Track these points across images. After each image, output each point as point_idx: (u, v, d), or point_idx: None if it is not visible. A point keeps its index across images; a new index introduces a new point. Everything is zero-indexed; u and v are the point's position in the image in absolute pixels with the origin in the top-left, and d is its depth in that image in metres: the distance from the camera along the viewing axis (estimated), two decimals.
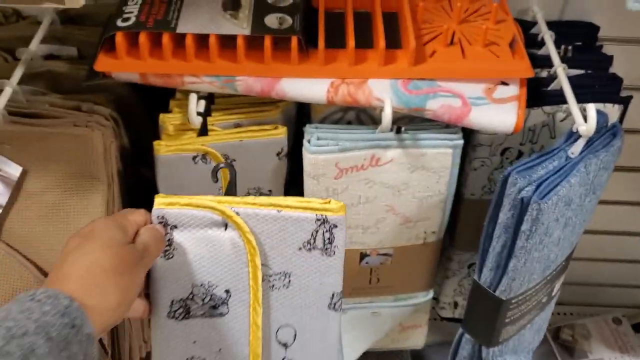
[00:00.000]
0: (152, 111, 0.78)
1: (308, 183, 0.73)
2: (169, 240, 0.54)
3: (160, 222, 0.53)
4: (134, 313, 0.54)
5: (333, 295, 0.57)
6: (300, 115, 0.79)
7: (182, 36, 0.66)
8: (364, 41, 0.70)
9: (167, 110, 0.75)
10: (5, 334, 0.38)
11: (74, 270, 0.45)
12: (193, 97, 0.67)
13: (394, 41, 0.70)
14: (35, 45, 0.76)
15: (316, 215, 0.54)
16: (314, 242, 0.54)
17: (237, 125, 0.72)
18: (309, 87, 0.67)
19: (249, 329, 0.56)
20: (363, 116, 0.74)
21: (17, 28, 0.82)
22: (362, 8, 0.75)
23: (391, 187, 0.73)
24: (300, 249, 0.55)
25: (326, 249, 0.55)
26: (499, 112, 0.67)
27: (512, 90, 0.68)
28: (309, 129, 0.71)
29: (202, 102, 0.69)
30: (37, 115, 0.71)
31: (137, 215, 0.53)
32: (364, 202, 0.74)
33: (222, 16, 0.68)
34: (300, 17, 0.68)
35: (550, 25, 0.81)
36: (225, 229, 0.54)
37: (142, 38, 0.65)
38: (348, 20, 0.70)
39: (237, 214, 0.53)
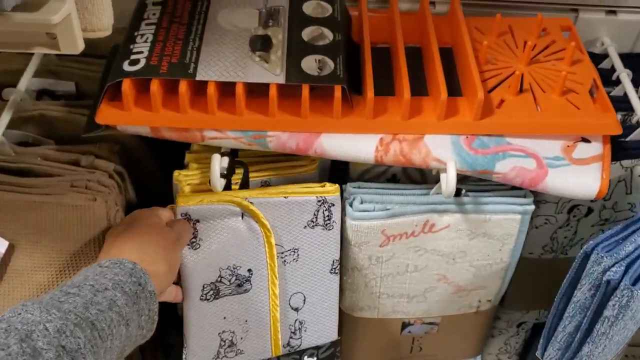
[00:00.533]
0: (163, 158, 0.68)
1: (348, 250, 0.62)
2: (194, 232, 0.59)
3: (184, 217, 0.58)
4: (168, 296, 0.59)
5: (333, 262, 0.64)
6: (333, 163, 0.68)
7: (203, 83, 0.55)
8: (418, 86, 0.59)
9: (182, 161, 0.64)
10: (91, 289, 0.45)
11: (127, 246, 0.51)
12: (216, 160, 0.56)
13: (453, 86, 0.59)
14: (24, 84, 0.65)
15: (317, 197, 0.60)
16: (316, 219, 0.61)
17: (265, 184, 0.61)
18: (354, 145, 0.56)
19: (269, 299, 0.64)
20: (411, 169, 0.63)
21: (6, 59, 0.70)
22: (412, 42, 0.64)
23: (445, 255, 0.62)
24: (305, 227, 0.61)
25: (326, 224, 0.61)
26: (580, 175, 0.56)
27: (595, 148, 0.57)
28: (350, 189, 0.60)
29: (225, 160, 0.58)
30: (27, 172, 0.59)
31: (164, 211, 0.58)
32: (412, 270, 0.64)
33: (251, 58, 0.56)
34: (343, 59, 0.57)
35: (623, 58, 0.70)
36: (242, 217, 0.59)
37: (155, 86, 0.54)
38: (399, 61, 0.59)
39: (252, 203, 0.58)
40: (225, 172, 0.57)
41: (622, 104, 0.65)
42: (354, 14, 0.67)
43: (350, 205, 0.59)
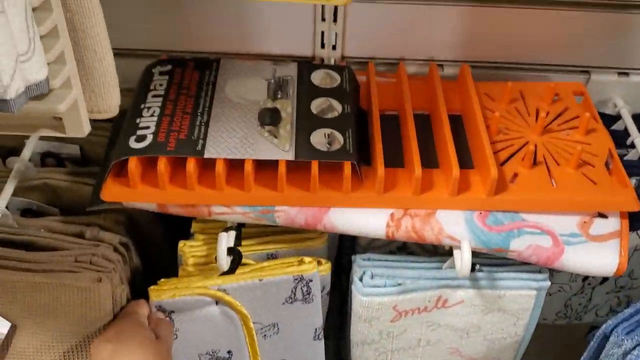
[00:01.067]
0: (170, 224, 0.66)
1: (358, 324, 0.60)
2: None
3: (159, 310, 0.57)
4: None
5: (316, 329, 0.62)
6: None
7: (208, 162, 0.54)
8: (428, 157, 0.58)
9: (189, 227, 0.62)
10: None
11: None
12: (222, 238, 0.55)
13: (464, 157, 0.58)
14: (29, 152, 0.64)
15: (293, 276, 0.57)
16: (294, 296, 0.59)
17: (272, 256, 0.60)
18: (364, 220, 0.55)
19: None
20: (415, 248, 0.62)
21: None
22: (421, 109, 0.63)
23: (459, 330, 0.61)
24: (283, 303, 0.59)
25: (305, 298, 0.59)
26: (597, 253, 0.55)
27: (612, 224, 0.56)
28: (359, 262, 0.59)
29: (232, 234, 0.57)
30: (30, 245, 0.58)
31: (143, 308, 0.57)
32: (424, 344, 0.62)
33: (259, 133, 0.55)
34: (353, 133, 0.56)
35: (636, 118, 0.69)
36: (217, 304, 0.57)
37: (162, 164, 0.53)
38: (408, 132, 0.58)
39: (225, 291, 0.56)
40: (232, 247, 0.56)
41: (637, 169, 0.64)
42: (362, 78, 0.66)
43: (360, 279, 0.57)
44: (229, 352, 0.60)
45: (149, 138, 0.54)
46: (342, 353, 0.75)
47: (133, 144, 0.54)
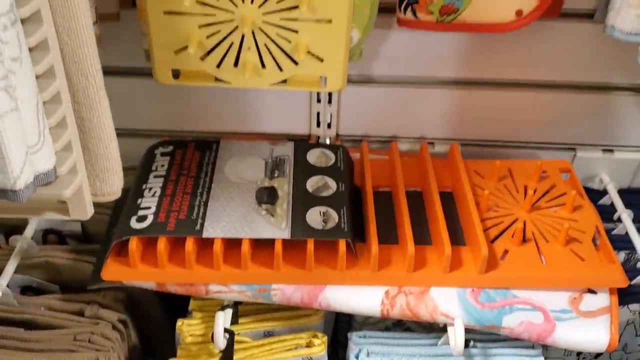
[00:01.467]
0: (169, 301, 0.67)
1: None
2: None
3: None
4: None
5: None
6: None
7: (206, 241, 0.55)
8: (421, 233, 0.59)
9: (187, 305, 0.63)
10: None
11: None
12: (219, 318, 0.56)
13: (456, 234, 0.59)
14: (31, 231, 0.66)
15: (302, 358, 0.57)
16: None
17: (268, 334, 0.61)
18: (359, 298, 0.56)
19: None
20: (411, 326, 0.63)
21: None
22: (413, 186, 0.66)
23: None
24: None
25: None
26: (588, 329, 0.55)
27: (602, 300, 0.57)
28: (355, 339, 0.60)
29: (229, 312, 0.57)
30: (30, 323, 0.59)
31: None
32: None
33: (257, 212, 0.57)
34: (348, 210, 0.58)
35: (622, 193, 0.71)
36: None
37: (161, 244, 0.54)
38: (401, 209, 0.60)
39: None
40: (228, 328, 0.57)
41: (625, 243, 0.66)
42: (357, 155, 0.69)
43: (357, 357, 0.58)
44: None
45: (150, 218, 0.56)
46: None
47: (134, 224, 0.56)
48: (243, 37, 0.53)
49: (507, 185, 0.66)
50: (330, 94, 0.70)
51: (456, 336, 0.54)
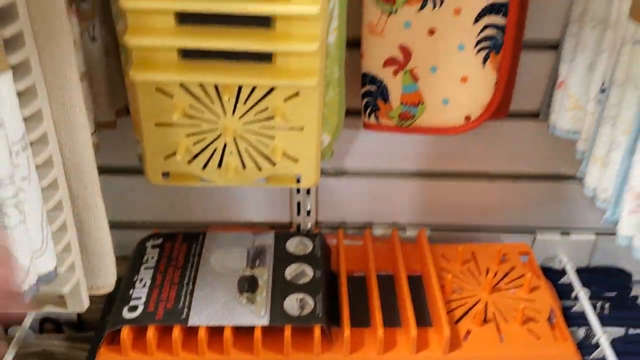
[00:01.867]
0: None
1: None
2: None
3: None
4: None
5: None
6: None
7: (190, 329, 0.60)
8: (392, 316, 0.65)
9: None
10: None
11: None
12: None
13: (423, 315, 0.65)
14: (29, 321, 0.71)
15: None
16: None
17: None
18: None
19: None
20: None
21: None
22: (385, 270, 0.71)
23: None
24: None
25: None
26: None
27: None
28: None
29: None
30: None
31: None
32: None
33: (238, 301, 0.63)
34: (323, 296, 0.63)
35: (581, 272, 0.77)
36: None
37: (150, 333, 0.59)
38: (372, 294, 0.65)
39: None
40: None
41: (583, 320, 0.71)
42: (333, 242, 0.75)
43: None
44: None
45: (140, 308, 0.61)
46: None
47: (126, 313, 0.61)
48: (225, 143, 0.60)
49: (470, 268, 0.71)
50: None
51: None
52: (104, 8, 0.60)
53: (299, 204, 0.78)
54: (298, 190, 0.77)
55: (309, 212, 0.80)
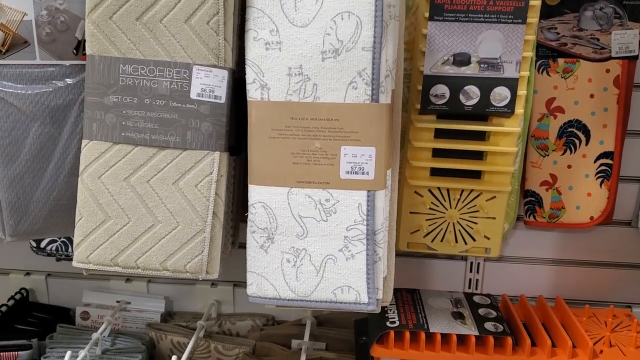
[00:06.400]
0: None
1: None
2: None
3: None
4: None
5: None
6: None
7: (430, 334, 0.99)
8: (553, 340, 1.02)
9: None
10: None
11: None
12: None
13: (573, 341, 1.02)
14: (305, 342, 1.09)
15: None
16: None
17: None
18: None
19: None
20: None
21: (285, 327, 1.17)
22: (543, 320, 1.09)
23: None
24: None
25: None
26: None
27: None
28: None
29: None
30: None
31: None
32: None
33: (455, 323, 1.02)
34: (506, 324, 1.02)
35: None
36: None
37: (406, 336, 0.98)
38: (539, 328, 1.03)
39: None
40: None
41: None
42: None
43: None
44: None
45: (397, 321, 1.01)
46: None
47: (389, 324, 1.00)
48: (448, 225, 1.04)
49: (594, 321, 1.09)
50: (478, 267, 1.18)
51: None
52: None
53: (470, 280, 1.19)
54: (471, 270, 1.18)
55: (476, 287, 1.20)
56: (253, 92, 0.78)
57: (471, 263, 1.18)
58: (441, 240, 1.04)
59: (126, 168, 0.79)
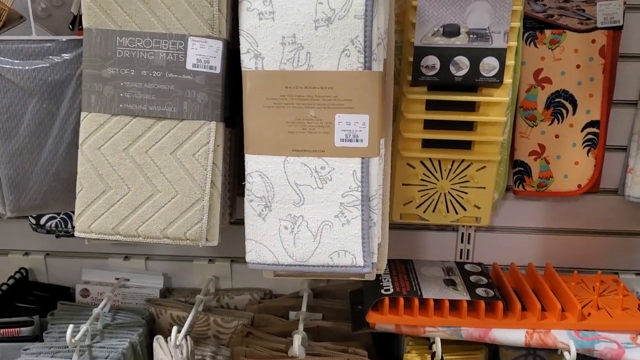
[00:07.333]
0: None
1: None
2: None
3: None
4: None
5: None
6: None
7: (424, 300, 1.02)
8: (542, 305, 1.05)
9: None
10: None
11: None
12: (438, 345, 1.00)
13: (562, 305, 1.05)
14: (302, 312, 1.12)
15: None
16: None
17: None
18: (511, 335, 1.00)
19: None
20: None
21: (282, 300, 1.19)
22: (533, 287, 1.12)
23: None
24: None
25: None
26: None
27: None
28: None
29: (439, 344, 1.01)
30: (320, 354, 1.03)
31: None
32: None
33: (447, 289, 1.04)
34: (497, 290, 1.05)
35: None
36: None
37: (400, 302, 1.01)
38: (529, 294, 1.06)
39: None
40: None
41: None
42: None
43: None
44: None
45: (391, 289, 1.03)
46: None
47: (383, 292, 1.03)
48: (439, 196, 1.06)
49: (582, 287, 1.12)
50: (469, 238, 1.21)
51: (571, 353, 0.97)
52: None
53: (461, 250, 1.22)
54: (462, 241, 1.21)
55: (467, 257, 1.23)
56: (247, 62, 0.80)
57: (462, 234, 1.21)
58: (433, 211, 1.07)
59: (125, 139, 0.81)
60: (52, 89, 0.88)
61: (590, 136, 1.08)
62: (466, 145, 1.03)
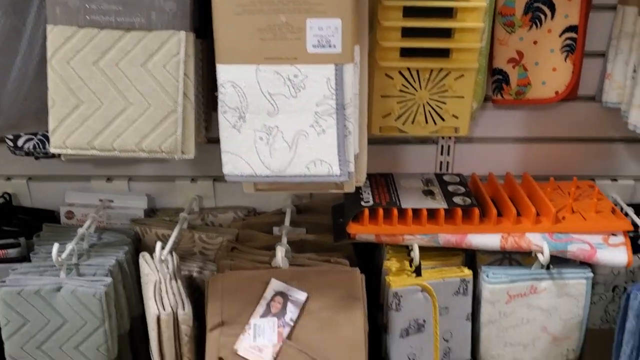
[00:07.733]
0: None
1: (485, 307, 1.04)
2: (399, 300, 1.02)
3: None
4: None
5: (467, 314, 1.07)
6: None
7: (402, 210, 1.04)
8: (518, 210, 1.07)
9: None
10: None
11: None
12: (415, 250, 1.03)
13: (537, 210, 1.07)
14: (286, 226, 1.14)
15: (460, 278, 1.05)
16: (459, 290, 1.04)
17: (432, 268, 1.06)
18: (487, 239, 1.03)
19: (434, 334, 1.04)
20: (514, 264, 1.09)
21: (265, 217, 1.21)
22: (510, 194, 1.14)
23: (544, 310, 1.04)
24: (452, 295, 1.04)
25: (464, 292, 1.05)
26: (615, 253, 1.01)
27: (620, 238, 1.04)
28: (484, 269, 1.05)
29: (417, 250, 1.04)
30: (303, 265, 1.05)
31: None
32: (525, 323, 1.05)
33: (426, 199, 1.06)
34: (474, 198, 1.07)
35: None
36: (421, 292, 1.03)
37: (379, 212, 1.03)
38: (506, 200, 1.08)
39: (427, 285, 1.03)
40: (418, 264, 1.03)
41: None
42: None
43: (487, 276, 1.03)
44: (424, 320, 1.04)
45: (371, 201, 1.05)
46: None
47: (363, 203, 1.05)
48: (418, 107, 1.06)
49: (559, 192, 1.15)
50: (448, 150, 1.22)
51: (544, 254, 1.00)
52: None
53: (441, 162, 1.23)
54: (442, 153, 1.22)
55: (447, 168, 1.24)
56: None
57: (442, 146, 1.22)
58: (412, 122, 1.07)
59: (94, 52, 0.80)
60: (15, 2, 0.86)
61: (568, 41, 1.07)
62: (444, 53, 1.02)
